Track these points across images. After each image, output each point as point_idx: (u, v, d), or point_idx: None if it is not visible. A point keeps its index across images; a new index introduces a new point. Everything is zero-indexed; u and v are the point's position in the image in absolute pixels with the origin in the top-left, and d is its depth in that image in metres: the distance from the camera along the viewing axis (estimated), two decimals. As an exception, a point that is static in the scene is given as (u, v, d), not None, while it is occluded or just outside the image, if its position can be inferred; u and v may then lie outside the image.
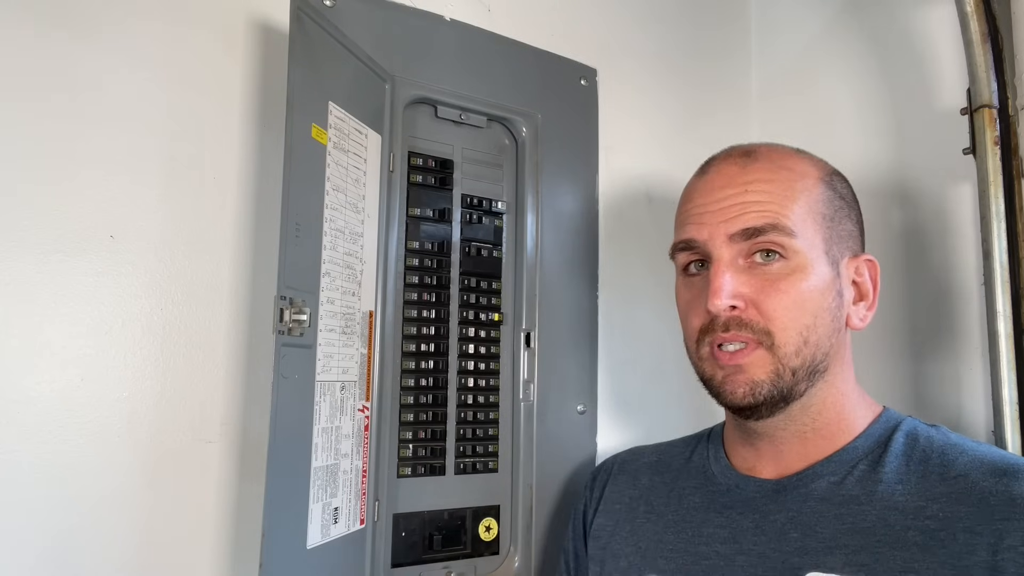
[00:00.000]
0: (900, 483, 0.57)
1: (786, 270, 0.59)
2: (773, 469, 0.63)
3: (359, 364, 0.70)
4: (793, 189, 0.61)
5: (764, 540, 0.60)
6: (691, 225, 0.63)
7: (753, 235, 0.59)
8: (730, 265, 0.60)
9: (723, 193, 0.62)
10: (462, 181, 0.81)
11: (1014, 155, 0.76)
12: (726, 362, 0.60)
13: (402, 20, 0.78)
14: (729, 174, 0.63)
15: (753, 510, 0.62)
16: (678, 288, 0.67)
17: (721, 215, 0.61)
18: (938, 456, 0.58)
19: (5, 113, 0.61)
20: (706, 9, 1.10)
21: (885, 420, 0.62)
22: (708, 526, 0.64)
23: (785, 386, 0.59)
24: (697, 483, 0.68)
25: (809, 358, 0.59)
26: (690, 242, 0.63)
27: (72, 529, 0.61)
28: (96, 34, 0.66)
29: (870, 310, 0.64)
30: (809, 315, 0.59)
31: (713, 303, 0.59)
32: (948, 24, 0.83)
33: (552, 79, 0.89)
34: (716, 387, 0.61)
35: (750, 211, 0.60)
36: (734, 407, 0.61)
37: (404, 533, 0.74)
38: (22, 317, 0.61)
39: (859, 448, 0.61)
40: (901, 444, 0.60)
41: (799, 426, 0.62)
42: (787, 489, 0.61)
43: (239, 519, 0.68)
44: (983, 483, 0.54)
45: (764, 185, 0.61)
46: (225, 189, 0.70)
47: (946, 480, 0.56)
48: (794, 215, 0.60)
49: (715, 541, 0.62)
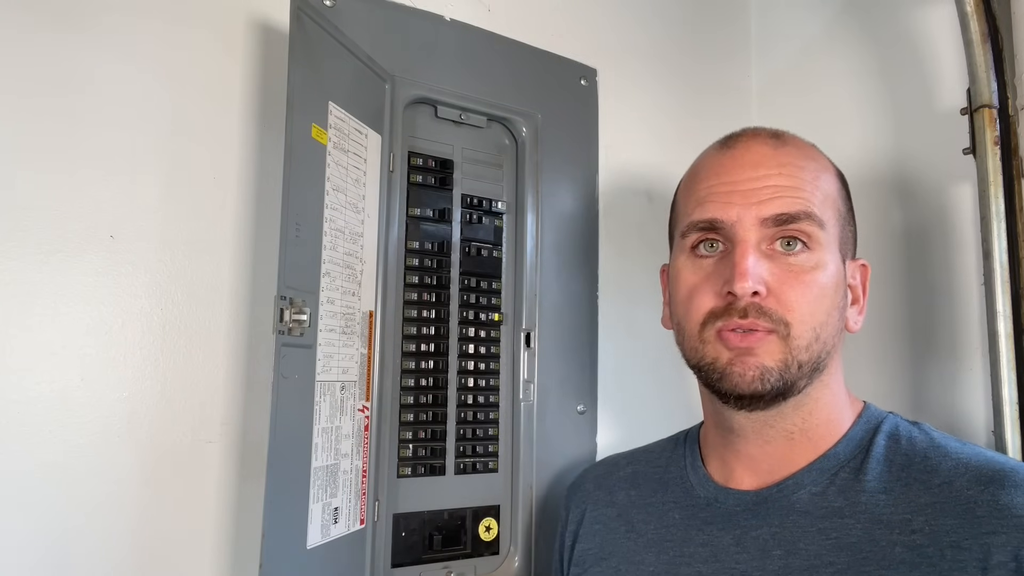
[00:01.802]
0: (884, 492, 0.55)
1: (809, 262, 0.56)
2: (753, 477, 0.61)
3: (359, 364, 0.70)
4: (819, 180, 0.59)
5: (746, 558, 0.57)
6: (715, 204, 0.58)
7: (786, 222, 0.56)
8: (755, 248, 0.56)
9: (755, 172, 0.58)
10: (462, 181, 0.81)
11: (1014, 155, 0.76)
12: (736, 343, 0.56)
13: (402, 20, 0.78)
14: (762, 152, 0.59)
15: (734, 525, 0.59)
16: (680, 267, 0.61)
17: (753, 196, 0.57)
18: (921, 460, 0.55)
19: (5, 113, 0.61)
20: (706, 9, 1.10)
21: (866, 420, 0.60)
22: (689, 545, 0.61)
23: (790, 378, 0.56)
24: (676, 497, 0.65)
25: (817, 354, 0.56)
26: (714, 222, 0.58)
27: (72, 529, 0.61)
28: (96, 34, 0.66)
29: (861, 314, 0.62)
30: (824, 312, 0.57)
31: (741, 286, 0.54)
32: (948, 24, 0.83)
33: (552, 79, 0.89)
34: (720, 370, 0.57)
35: (785, 195, 0.56)
36: (737, 394, 0.56)
37: (404, 533, 0.74)
38: (22, 317, 0.61)
39: (840, 454, 0.58)
40: (883, 448, 0.57)
41: (788, 425, 0.59)
42: (767, 501, 0.58)
43: (239, 519, 0.68)
44: (968, 491, 0.52)
45: (795, 170, 0.58)
46: (225, 189, 0.70)
47: (930, 489, 0.53)
48: (821, 205, 0.57)
49: (696, 561, 0.60)
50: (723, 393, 0.58)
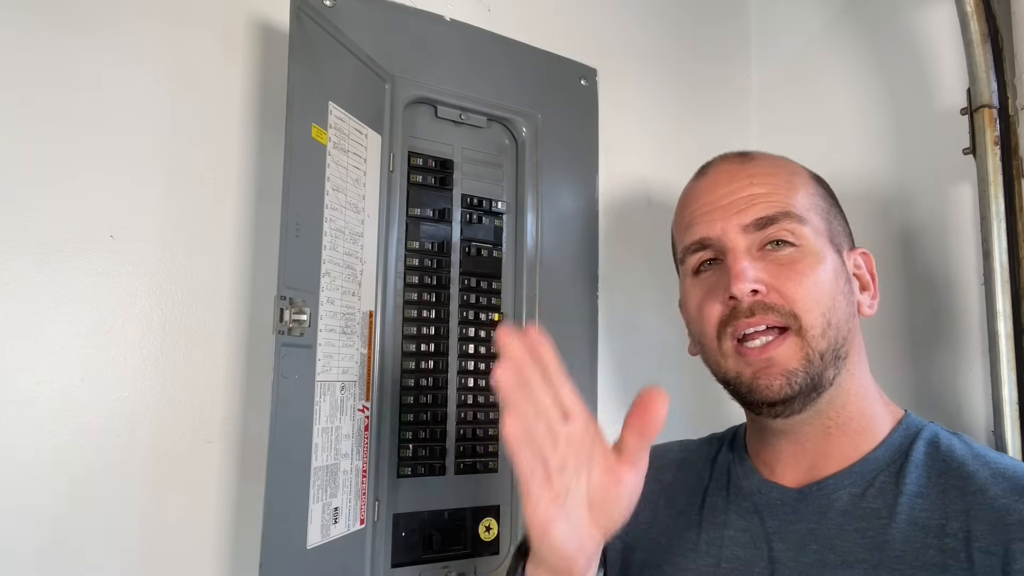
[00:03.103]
0: (920, 496, 0.56)
1: (799, 255, 0.59)
2: (795, 474, 0.62)
3: (359, 364, 0.70)
4: (793, 182, 0.62)
5: (783, 548, 0.59)
6: (700, 224, 0.62)
7: (766, 224, 0.59)
8: (747, 253, 0.59)
9: (728, 188, 0.62)
10: (462, 181, 0.81)
11: (1014, 155, 0.76)
12: (756, 357, 0.58)
13: (402, 20, 0.78)
14: (730, 171, 0.63)
15: (774, 516, 0.61)
16: (687, 291, 0.65)
17: (731, 208, 0.61)
18: (958, 468, 0.56)
19: (5, 113, 0.62)
20: (706, 9, 1.10)
21: (905, 427, 0.61)
22: (730, 528, 0.63)
23: (816, 372, 0.57)
24: (720, 484, 0.67)
25: (833, 340, 0.58)
26: (703, 241, 0.62)
27: (72, 529, 0.61)
28: (96, 34, 0.66)
29: (875, 298, 0.64)
30: (828, 297, 0.58)
31: (737, 287, 0.57)
32: (948, 24, 0.83)
33: (552, 79, 0.89)
34: (746, 384, 0.59)
35: (759, 202, 0.60)
36: (768, 403, 0.58)
37: (404, 533, 0.74)
38: (22, 317, 0.61)
39: (880, 459, 0.59)
40: (922, 454, 0.58)
41: (824, 419, 0.60)
42: (808, 499, 0.60)
43: (239, 519, 0.68)
44: (1002, 500, 0.53)
45: (767, 178, 0.62)
46: (225, 189, 0.70)
47: (965, 496, 0.54)
48: (799, 203, 0.61)
49: (736, 545, 0.62)
50: (755, 404, 0.60)
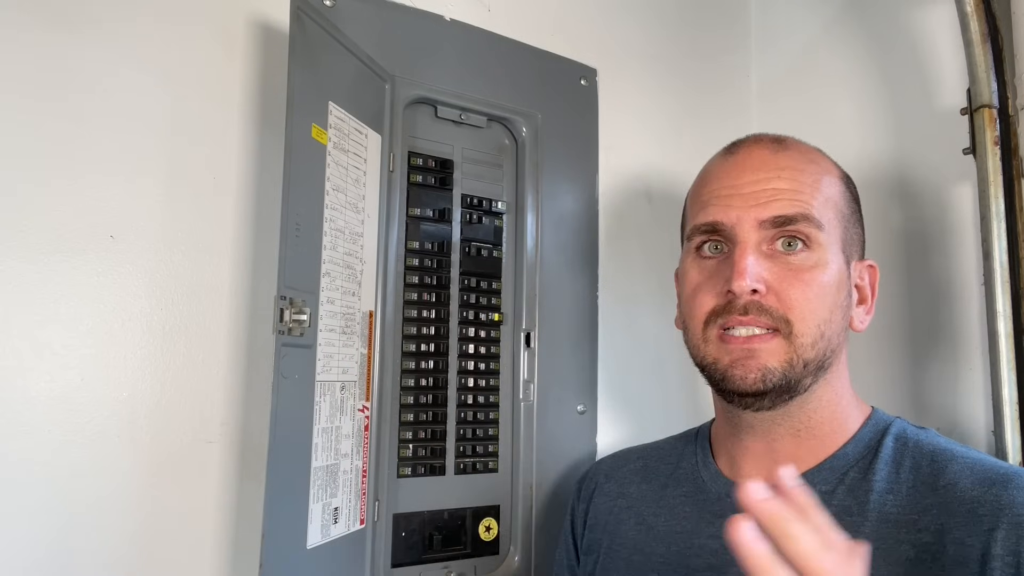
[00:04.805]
0: (891, 492, 0.56)
1: (809, 262, 0.58)
2: (762, 474, 0.60)
3: (359, 364, 0.70)
4: (820, 182, 0.61)
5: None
6: (717, 207, 0.61)
7: (784, 223, 0.58)
8: (755, 249, 0.58)
9: (755, 176, 0.60)
10: (462, 181, 0.81)
11: (1014, 155, 0.76)
12: (737, 345, 0.58)
13: (402, 20, 0.78)
14: (761, 157, 0.61)
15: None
16: (686, 268, 0.64)
17: (752, 199, 0.59)
18: (928, 462, 0.57)
19: (5, 113, 0.61)
20: (706, 9, 1.10)
21: (874, 423, 0.61)
22: (699, 537, 0.62)
23: (794, 376, 0.57)
24: (686, 491, 0.66)
25: (822, 352, 0.58)
26: (715, 224, 0.60)
27: (72, 529, 0.62)
28: (96, 34, 0.66)
29: (868, 314, 0.63)
30: (827, 309, 0.58)
31: (738, 284, 0.56)
32: (948, 24, 0.83)
33: (552, 79, 0.89)
34: (721, 371, 0.59)
35: (782, 198, 0.58)
36: (740, 392, 0.58)
37: (404, 533, 0.74)
38: (22, 317, 0.61)
39: (849, 455, 0.59)
40: (891, 449, 0.59)
41: (794, 422, 0.60)
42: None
43: (239, 519, 0.68)
44: (972, 492, 0.53)
45: (795, 174, 0.60)
46: (225, 189, 0.70)
47: (936, 490, 0.55)
48: (821, 208, 0.59)
49: (706, 553, 0.61)
50: (726, 392, 0.60)
